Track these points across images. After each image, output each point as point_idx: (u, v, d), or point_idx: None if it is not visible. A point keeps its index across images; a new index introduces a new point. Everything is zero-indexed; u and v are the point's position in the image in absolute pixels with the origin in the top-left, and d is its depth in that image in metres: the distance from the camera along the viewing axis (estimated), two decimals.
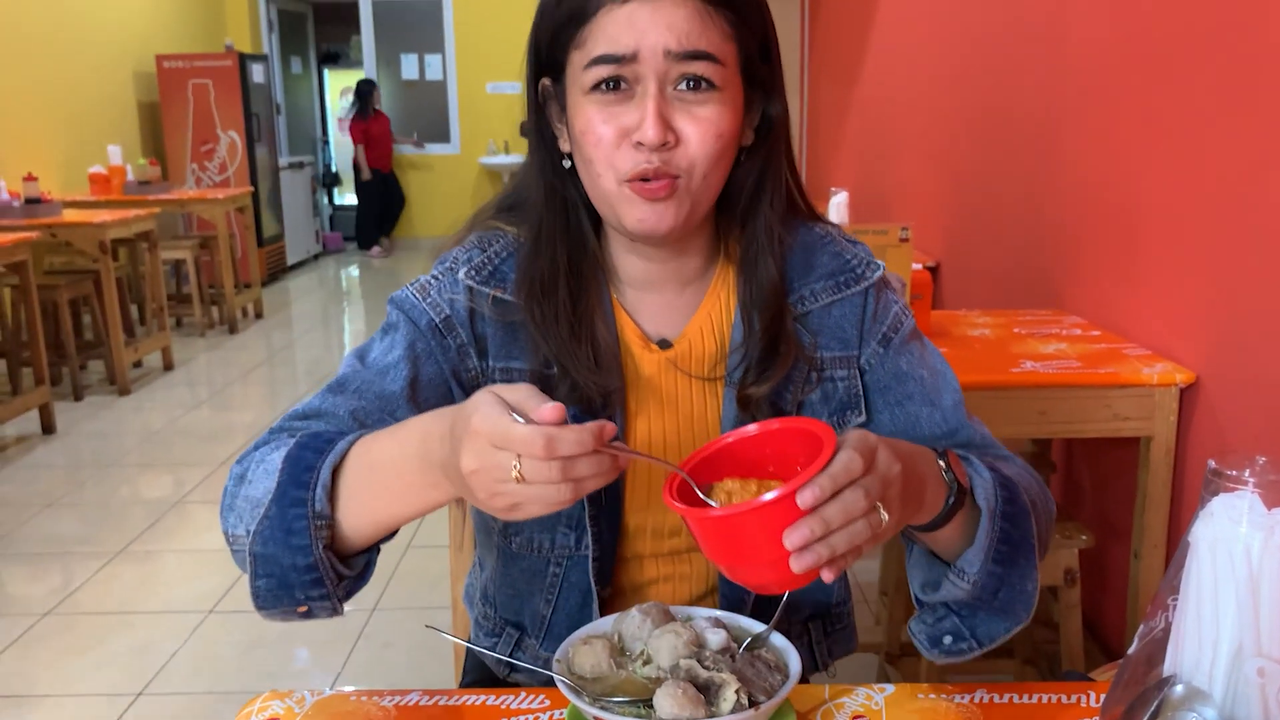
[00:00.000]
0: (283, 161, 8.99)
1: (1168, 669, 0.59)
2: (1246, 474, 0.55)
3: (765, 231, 1.00)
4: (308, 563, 0.81)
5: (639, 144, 0.89)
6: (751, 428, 0.81)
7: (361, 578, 0.87)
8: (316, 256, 9.98)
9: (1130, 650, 0.61)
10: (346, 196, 11.76)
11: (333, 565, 0.82)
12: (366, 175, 9.81)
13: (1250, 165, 1.75)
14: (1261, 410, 1.75)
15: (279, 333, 6.83)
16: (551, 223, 0.99)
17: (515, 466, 0.68)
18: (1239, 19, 1.77)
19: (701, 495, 0.78)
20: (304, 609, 0.84)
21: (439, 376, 0.98)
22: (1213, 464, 0.56)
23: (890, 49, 4.43)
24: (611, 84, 0.90)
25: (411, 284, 1.02)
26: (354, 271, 9.46)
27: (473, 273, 1.00)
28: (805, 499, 0.68)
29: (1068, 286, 2.51)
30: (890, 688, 0.94)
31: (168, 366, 5.65)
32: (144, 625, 2.83)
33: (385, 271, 9.35)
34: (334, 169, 11.57)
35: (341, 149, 11.79)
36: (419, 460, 0.78)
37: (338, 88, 11.90)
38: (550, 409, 0.68)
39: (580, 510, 1.01)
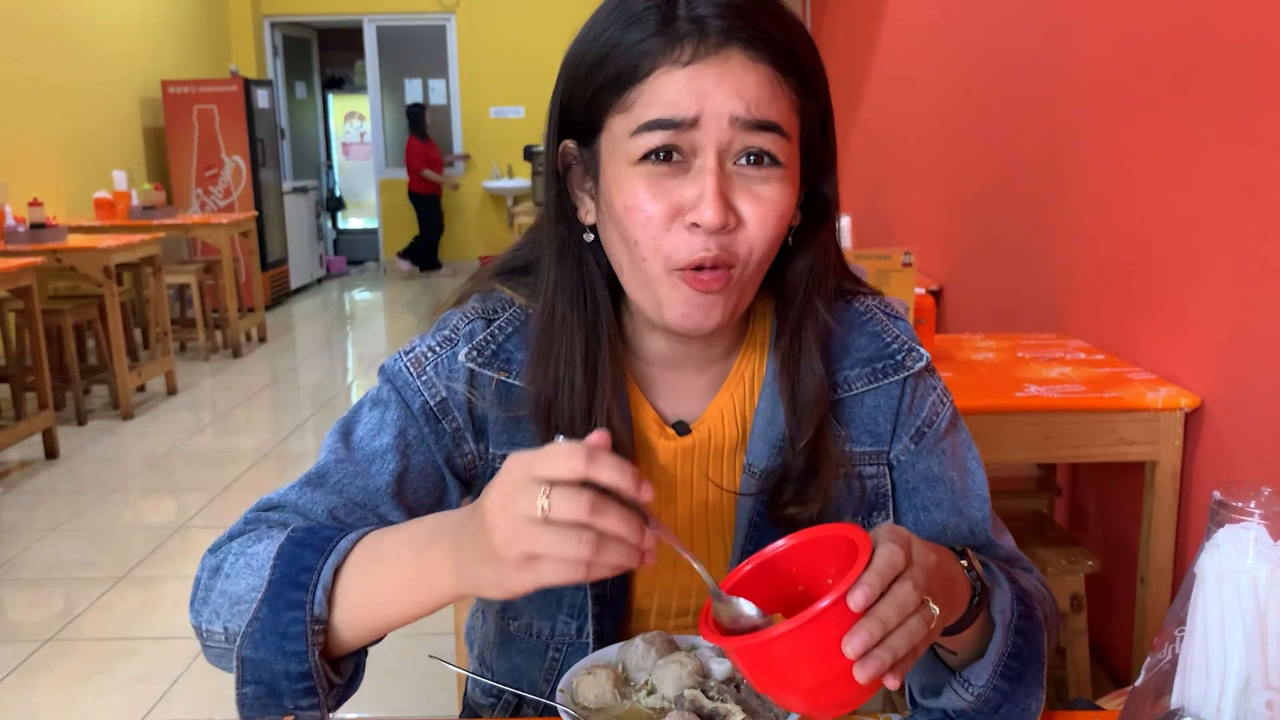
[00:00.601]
0: (287, 186, 9.03)
1: (1175, 701, 0.58)
2: (1252, 505, 0.55)
3: (814, 329, 0.91)
4: (301, 670, 0.75)
5: (694, 225, 0.80)
6: (780, 544, 0.75)
7: (350, 685, 0.81)
8: (320, 280, 10.01)
9: (1137, 682, 0.61)
10: (350, 220, 11.81)
11: (325, 673, 0.77)
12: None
13: (1254, 190, 1.75)
14: (1267, 434, 1.75)
15: (283, 357, 6.84)
16: (566, 312, 0.89)
17: (544, 497, 0.63)
18: (1242, 46, 1.78)
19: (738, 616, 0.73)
20: (288, 718, 0.78)
21: (429, 465, 0.91)
22: (1218, 495, 0.56)
23: (893, 74, 4.45)
24: (664, 154, 0.80)
25: (405, 352, 0.93)
26: (357, 295, 9.48)
27: (474, 354, 0.91)
28: (857, 599, 0.64)
29: (1071, 310, 2.51)
30: (898, 717, 0.94)
31: (171, 391, 5.65)
32: (146, 651, 2.82)
33: (388, 296, 9.37)
34: (338, 193, 11.64)
35: (345, 173, 11.85)
36: (425, 545, 0.74)
37: (342, 113, 11.97)
38: (598, 433, 0.66)
39: (584, 598, 0.95)
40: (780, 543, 0.75)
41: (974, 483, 0.97)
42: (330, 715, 0.79)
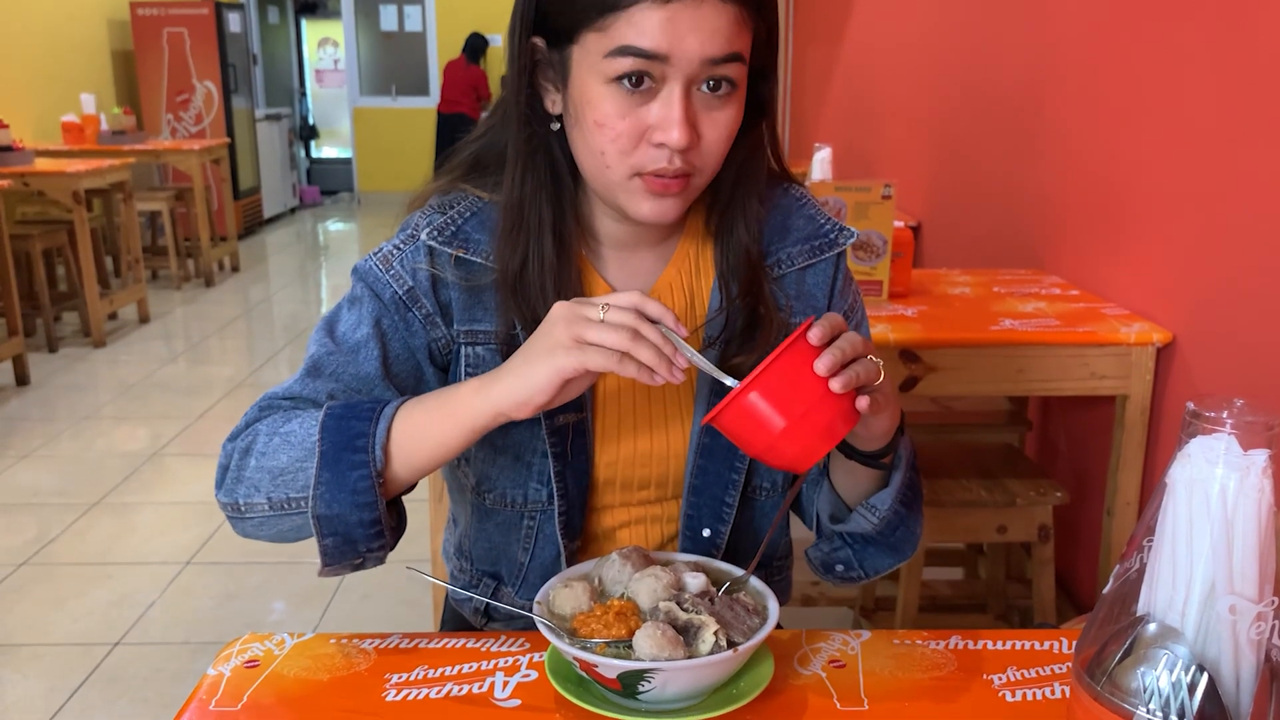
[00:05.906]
0: (259, 113, 8.87)
1: (1141, 608, 0.60)
2: (1224, 415, 0.55)
3: (742, 208, 1.00)
4: (373, 517, 0.88)
5: (660, 144, 0.88)
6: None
7: (399, 528, 0.94)
8: (293, 210, 9.89)
9: (1105, 589, 0.62)
10: (324, 149, 11.64)
11: (387, 517, 0.90)
12: None
13: (1229, 131, 1.75)
14: (1236, 369, 1.77)
15: (256, 286, 6.78)
16: (536, 189, 0.96)
17: (603, 309, 0.81)
18: None
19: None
20: (359, 560, 0.91)
21: (405, 351, 0.99)
22: (1191, 405, 0.57)
23: (877, 7, 4.40)
24: (635, 79, 0.86)
25: (374, 253, 1.00)
26: (331, 226, 9.38)
27: (434, 234, 0.97)
28: (814, 334, 0.79)
29: (1048, 247, 2.52)
30: (866, 634, 0.95)
31: (143, 319, 5.60)
32: (121, 576, 2.83)
33: (362, 227, 9.27)
34: (311, 122, 11.43)
35: (319, 101, 11.64)
36: (455, 391, 0.89)
37: (315, 38, 11.72)
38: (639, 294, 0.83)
39: (548, 467, 1.02)
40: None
41: None
42: (386, 555, 0.93)
